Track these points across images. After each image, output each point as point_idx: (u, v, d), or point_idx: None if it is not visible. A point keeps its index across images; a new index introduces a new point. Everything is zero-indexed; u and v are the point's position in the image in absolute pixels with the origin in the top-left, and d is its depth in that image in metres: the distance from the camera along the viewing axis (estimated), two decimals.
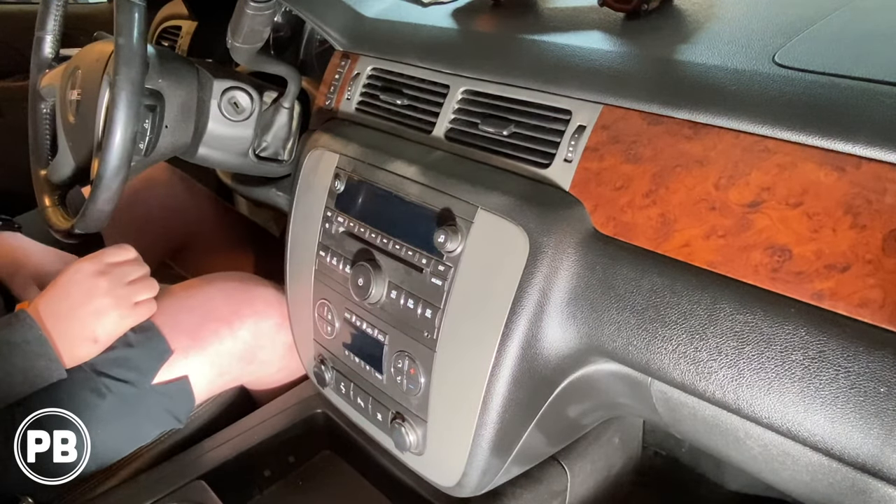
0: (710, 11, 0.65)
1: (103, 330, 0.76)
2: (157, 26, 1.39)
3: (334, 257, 0.77)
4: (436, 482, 0.70)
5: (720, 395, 0.50)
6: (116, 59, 0.69)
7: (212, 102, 0.84)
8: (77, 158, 0.84)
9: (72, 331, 0.74)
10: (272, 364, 0.91)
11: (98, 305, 0.75)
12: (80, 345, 0.74)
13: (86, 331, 0.74)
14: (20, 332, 0.71)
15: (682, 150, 0.53)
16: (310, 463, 0.89)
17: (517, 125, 0.64)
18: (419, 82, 0.75)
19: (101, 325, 0.75)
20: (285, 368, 0.93)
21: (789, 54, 0.52)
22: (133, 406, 0.79)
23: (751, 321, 0.48)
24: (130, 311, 0.78)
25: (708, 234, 0.51)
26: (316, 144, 0.80)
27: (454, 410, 0.64)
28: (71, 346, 0.73)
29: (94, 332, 0.75)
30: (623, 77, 0.58)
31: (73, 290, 0.75)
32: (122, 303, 0.76)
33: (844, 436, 0.44)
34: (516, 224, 0.58)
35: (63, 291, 0.75)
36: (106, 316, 0.75)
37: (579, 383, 0.63)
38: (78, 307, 0.74)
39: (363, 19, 0.84)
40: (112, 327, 0.76)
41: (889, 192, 0.43)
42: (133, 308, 0.78)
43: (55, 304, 0.74)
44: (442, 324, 0.64)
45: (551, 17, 0.75)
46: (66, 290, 0.75)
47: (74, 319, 0.74)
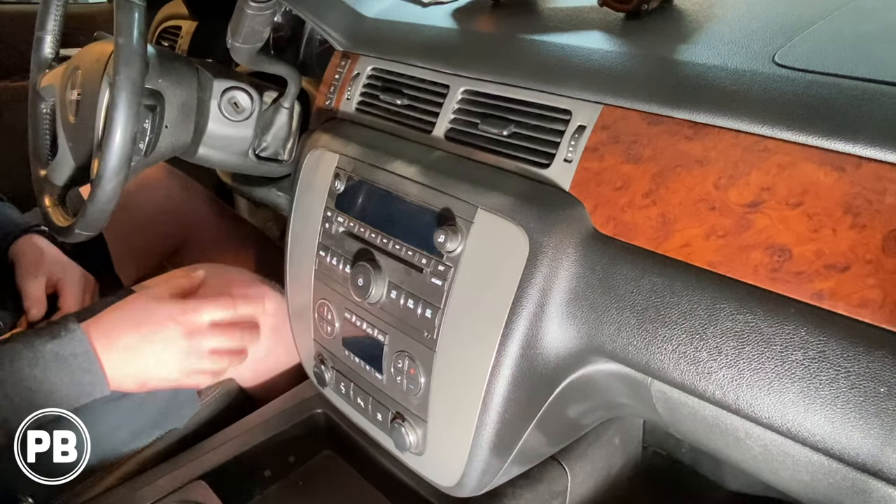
0: (710, 11, 0.65)
1: (155, 382, 0.73)
2: (157, 26, 1.39)
3: (334, 257, 0.77)
4: (436, 482, 0.70)
5: (720, 395, 0.50)
6: (116, 59, 0.69)
7: (212, 102, 0.84)
8: (77, 158, 0.84)
9: (126, 365, 0.70)
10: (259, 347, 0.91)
11: (167, 361, 0.72)
12: (126, 381, 0.71)
13: (142, 373, 0.71)
14: (69, 345, 0.68)
15: (682, 150, 0.53)
16: (310, 463, 0.89)
17: (517, 125, 0.64)
18: (419, 82, 0.75)
19: (158, 375, 0.72)
20: (272, 353, 0.93)
21: (789, 54, 0.52)
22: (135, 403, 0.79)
23: (751, 321, 0.48)
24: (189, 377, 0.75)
25: (708, 234, 0.51)
26: (316, 144, 0.81)
27: (454, 410, 0.64)
28: (115, 375, 0.70)
29: (147, 379, 0.72)
30: (623, 77, 0.59)
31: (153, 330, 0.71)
32: (189, 367, 0.74)
33: (844, 436, 0.44)
34: (516, 224, 0.58)
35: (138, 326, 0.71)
36: (167, 371, 0.72)
37: (579, 383, 0.63)
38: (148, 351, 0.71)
39: (363, 19, 0.84)
40: (164, 383, 0.74)
41: (889, 192, 0.43)
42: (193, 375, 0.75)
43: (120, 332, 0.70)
44: (442, 324, 0.64)
45: (551, 17, 0.75)
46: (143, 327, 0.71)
47: (136, 358, 0.71)
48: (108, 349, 0.69)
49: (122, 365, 0.70)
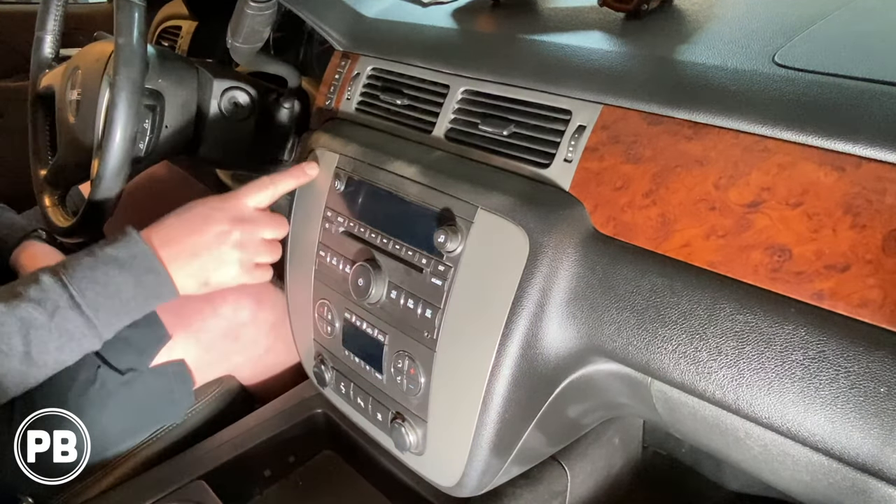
0: (710, 11, 0.65)
1: (218, 279, 0.71)
2: (157, 26, 1.39)
3: (334, 257, 0.77)
4: (436, 482, 0.70)
5: (720, 395, 0.50)
6: (116, 59, 0.69)
7: (212, 102, 0.84)
8: (77, 158, 0.84)
9: (187, 265, 0.69)
10: (258, 344, 0.92)
11: (224, 253, 0.70)
12: (188, 281, 0.70)
13: (201, 271, 0.70)
14: (126, 248, 0.66)
15: (682, 150, 0.53)
16: (310, 463, 0.89)
17: (517, 125, 0.64)
18: (419, 82, 0.75)
19: (218, 273, 0.71)
20: (272, 350, 0.93)
21: (789, 54, 0.52)
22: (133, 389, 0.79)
23: (751, 321, 0.48)
24: (250, 271, 0.73)
25: (708, 234, 0.51)
26: (316, 144, 0.81)
27: (454, 410, 0.64)
28: (178, 277, 0.69)
29: (208, 277, 0.71)
30: (623, 77, 0.59)
31: (202, 226, 0.70)
32: (246, 258, 0.72)
33: (844, 436, 0.44)
34: (516, 224, 0.58)
35: (189, 225, 0.70)
36: (227, 266, 0.71)
37: (579, 383, 0.63)
38: (202, 247, 0.70)
39: (363, 19, 0.84)
40: (227, 280, 0.72)
41: (889, 192, 0.43)
42: (254, 269, 0.74)
43: (175, 233, 0.69)
44: (442, 324, 0.64)
45: (551, 17, 0.75)
46: (193, 225, 0.70)
47: (194, 256, 0.69)
48: (166, 251, 0.68)
49: (182, 266, 0.69)
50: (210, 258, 0.70)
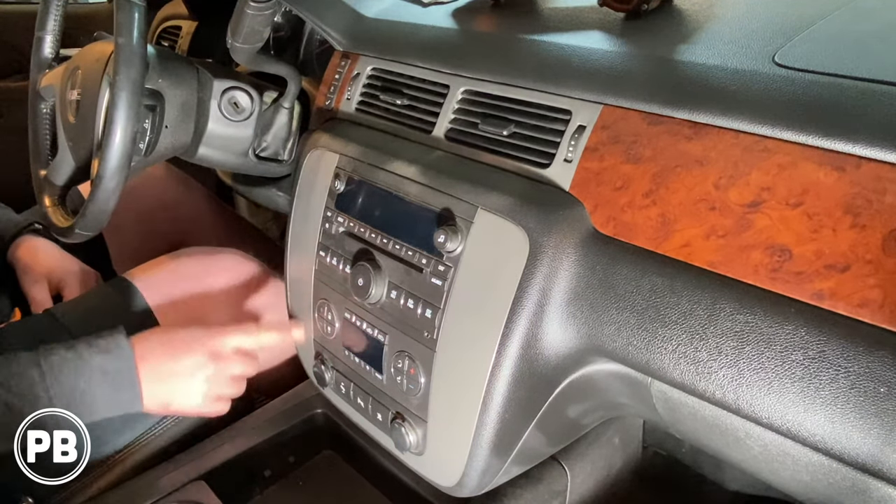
0: (710, 11, 0.65)
1: (179, 404, 0.75)
2: (157, 26, 1.39)
3: (334, 257, 0.77)
4: (436, 482, 0.70)
5: (720, 395, 0.50)
6: (116, 59, 0.69)
7: (212, 102, 0.84)
8: (77, 158, 0.84)
9: (156, 386, 0.72)
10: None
11: (193, 385, 0.74)
12: (152, 401, 0.73)
13: (168, 395, 0.74)
14: (116, 362, 0.70)
15: (682, 150, 0.53)
16: (310, 463, 0.89)
17: (517, 125, 0.64)
18: (419, 82, 0.75)
19: (182, 400, 0.75)
20: (272, 350, 0.93)
21: (789, 54, 0.52)
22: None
23: (751, 321, 0.48)
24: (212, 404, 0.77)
25: (708, 234, 0.51)
26: (316, 144, 0.81)
27: (454, 410, 0.64)
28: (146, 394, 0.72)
29: (172, 401, 0.74)
30: (623, 77, 0.59)
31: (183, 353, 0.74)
32: (212, 392, 0.76)
33: (844, 436, 0.44)
34: (516, 224, 0.58)
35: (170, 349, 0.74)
36: (192, 397, 0.75)
37: (579, 383, 0.63)
38: (176, 374, 0.73)
39: (363, 19, 0.84)
40: (187, 408, 0.76)
41: (889, 192, 0.43)
42: (215, 401, 0.77)
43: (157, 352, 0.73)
44: (442, 324, 0.64)
45: (551, 17, 0.75)
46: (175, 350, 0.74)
47: (166, 381, 0.73)
48: (143, 366, 0.71)
49: (152, 386, 0.72)
50: (180, 386, 0.74)
